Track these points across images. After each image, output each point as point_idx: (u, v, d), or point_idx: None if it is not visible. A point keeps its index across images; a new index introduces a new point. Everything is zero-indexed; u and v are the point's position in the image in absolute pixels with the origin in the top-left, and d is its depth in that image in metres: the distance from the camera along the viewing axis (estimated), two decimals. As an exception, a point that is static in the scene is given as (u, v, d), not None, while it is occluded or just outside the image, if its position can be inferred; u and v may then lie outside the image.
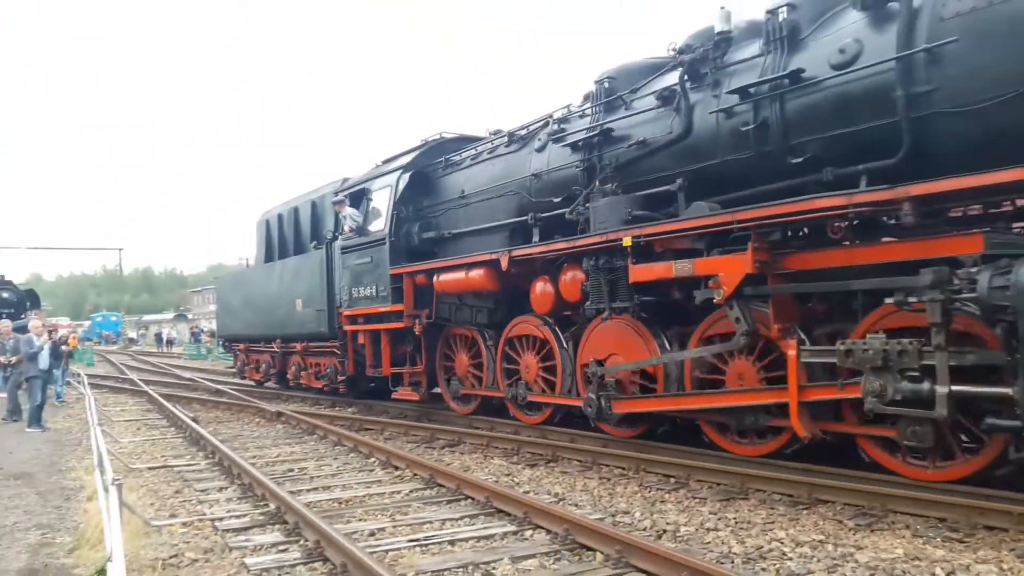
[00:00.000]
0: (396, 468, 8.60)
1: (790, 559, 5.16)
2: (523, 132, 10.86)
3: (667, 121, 8.38)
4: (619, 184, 8.79)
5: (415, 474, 8.16)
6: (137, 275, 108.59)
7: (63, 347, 18.43)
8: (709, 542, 5.58)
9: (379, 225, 12.63)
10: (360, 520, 6.52)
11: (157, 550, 5.83)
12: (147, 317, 77.27)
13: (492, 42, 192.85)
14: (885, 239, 6.66)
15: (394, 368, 12.60)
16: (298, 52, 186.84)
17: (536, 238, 9.97)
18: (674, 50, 8.70)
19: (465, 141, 12.79)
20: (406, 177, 12.37)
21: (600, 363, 8.86)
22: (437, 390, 12.50)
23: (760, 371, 7.34)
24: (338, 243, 13.78)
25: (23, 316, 28.19)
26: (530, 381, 10.32)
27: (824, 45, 7.01)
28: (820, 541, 5.48)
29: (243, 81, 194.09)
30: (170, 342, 57.97)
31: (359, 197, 13.48)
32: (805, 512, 6.21)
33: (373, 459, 9.23)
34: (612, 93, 9.34)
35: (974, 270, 5.54)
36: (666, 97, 8.45)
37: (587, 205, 9.02)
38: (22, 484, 8.78)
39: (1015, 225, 6.52)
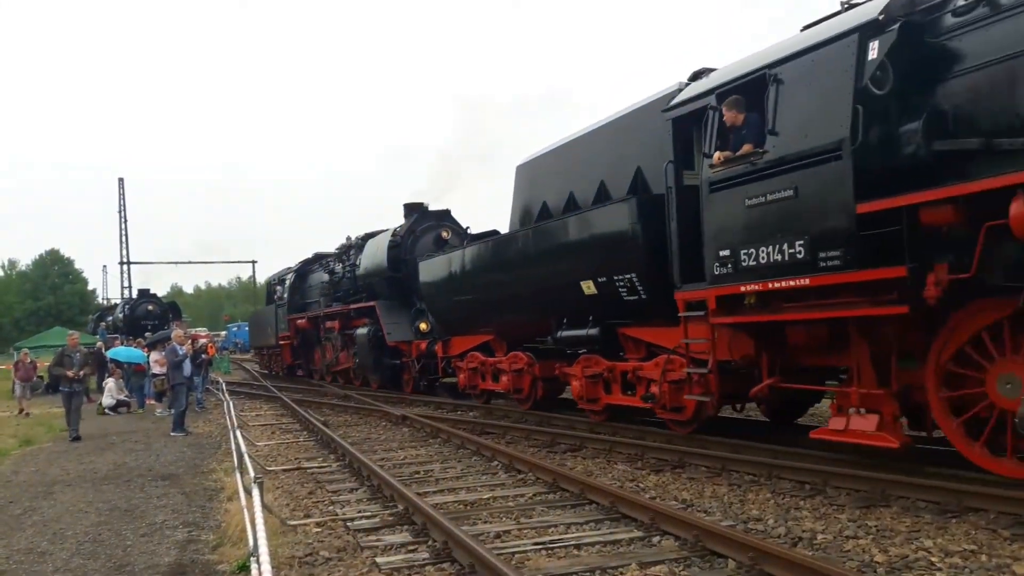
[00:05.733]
0: (519, 472, 8.63)
1: (939, 569, 4.85)
2: (326, 259, 26.04)
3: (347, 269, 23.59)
4: (334, 290, 23.91)
5: (538, 478, 8.17)
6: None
7: (202, 356, 19.45)
8: (849, 550, 5.32)
9: (284, 295, 28.44)
10: (486, 522, 6.57)
11: (293, 548, 6.04)
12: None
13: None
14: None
15: (295, 361, 28.85)
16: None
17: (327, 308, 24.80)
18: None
19: (325, 255, 26.81)
20: (294, 275, 28.41)
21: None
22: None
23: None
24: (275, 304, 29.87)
25: (166, 327, 30.14)
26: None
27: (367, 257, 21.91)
28: (972, 551, 5.13)
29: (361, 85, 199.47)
30: None
31: (282, 282, 29.79)
32: (954, 521, 5.83)
33: (496, 462, 9.30)
34: (345, 251, 23.75)
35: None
36: (341, 261, 24.11)
37: (324, 297, 25.11)
38: (169, 484, 9.30)
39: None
